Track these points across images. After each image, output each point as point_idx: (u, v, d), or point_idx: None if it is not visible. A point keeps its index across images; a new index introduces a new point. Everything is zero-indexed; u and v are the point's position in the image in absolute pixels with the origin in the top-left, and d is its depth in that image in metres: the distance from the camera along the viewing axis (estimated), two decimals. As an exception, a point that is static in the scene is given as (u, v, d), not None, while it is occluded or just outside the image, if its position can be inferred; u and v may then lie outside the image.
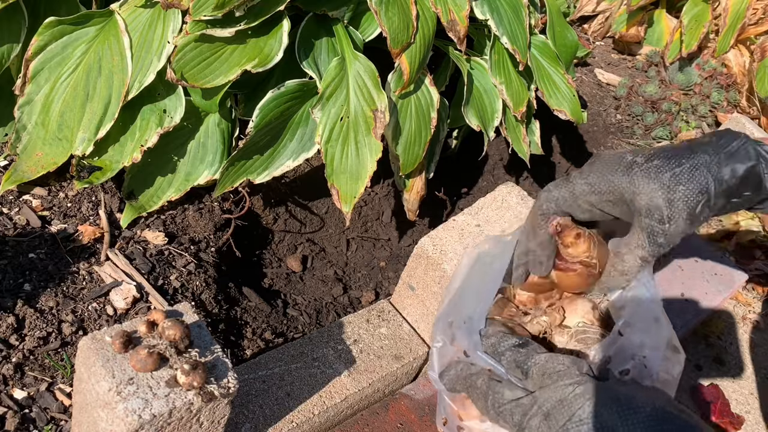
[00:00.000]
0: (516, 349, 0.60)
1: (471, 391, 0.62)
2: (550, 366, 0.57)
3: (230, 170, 0.92)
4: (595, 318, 0.72)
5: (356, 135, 0.93)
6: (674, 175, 0.60)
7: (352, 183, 0.93)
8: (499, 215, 0.84)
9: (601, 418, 0.51)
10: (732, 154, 0.61)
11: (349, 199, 0.93)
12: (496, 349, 0.61)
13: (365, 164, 0.93)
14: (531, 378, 0.57)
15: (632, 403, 0.51)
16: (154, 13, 0.89)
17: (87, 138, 0.87)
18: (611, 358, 0.63)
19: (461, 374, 0.63)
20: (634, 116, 1.76)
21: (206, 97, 0.90)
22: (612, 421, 0.51)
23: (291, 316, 0.98)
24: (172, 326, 0.55)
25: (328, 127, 0.91)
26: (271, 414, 0.71)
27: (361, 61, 0.96)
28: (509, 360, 0.59)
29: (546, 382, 0.56)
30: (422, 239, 0.82)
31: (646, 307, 0.65)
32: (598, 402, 0.52)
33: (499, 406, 0.57)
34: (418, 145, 1.03)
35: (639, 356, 0.63)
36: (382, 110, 0.94)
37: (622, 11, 1.98)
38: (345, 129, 0.93)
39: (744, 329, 1.23)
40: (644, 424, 0.49)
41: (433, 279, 0.81)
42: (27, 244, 0.84)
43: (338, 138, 0.92)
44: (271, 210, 1.10)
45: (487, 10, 1.09)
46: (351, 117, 0.93)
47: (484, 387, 0.59)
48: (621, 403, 0.51)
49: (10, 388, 0.71)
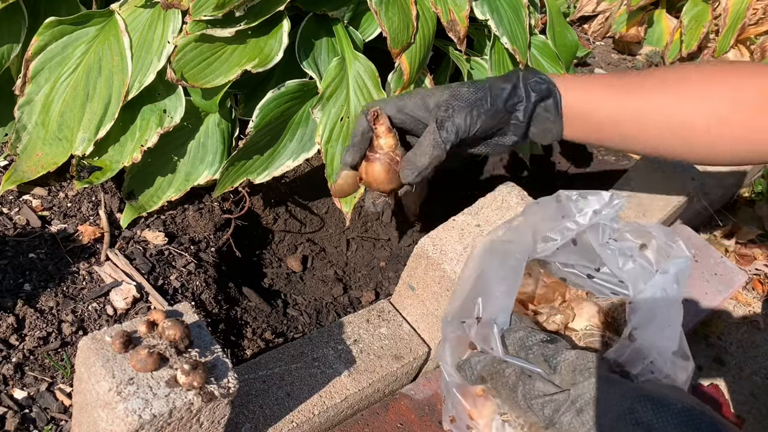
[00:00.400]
0: (544, 344, 0.61)
1: (496, 381, 0.62)
2: (580, 362, 0.57)
3: (230, 170, 0.92)
4: (599, 321, 0.72)
5: None
6: (458, 86, 0.73)
7: None
8: (499, 215, 0.84)
9: (636, 414, 0.52)
10: (504, 80, 0.74)
11: (349, 199, 0.93)
12: (523, 343, 0.61)
13: None
14: (559, 373, 0.58)
15: (664, 400, 0.53)
16: (154, 13, 0.89)
17: (87, 138, 0.87)
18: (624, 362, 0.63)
19: (487, 365, 0.63)
20: (634, 116, 1.76)
21: (206, 97, 0.90)
22: (647, 417, 0.52)
23: (291, 316, 0.98)
24: (172, 326, 0.55)
25: (329, 127, 0.91)
26: (271, 414, 0.71)
27: (361, 62, 0.96)
28: (537, 354, 0.60)
29: (577, 378, 0.57)
30: (422, 239, 0.82)
31: (662, 312, 0.65)
32: (632, 399, 0.53)
33: (530, 399, 0.58)
34: (418, 145, 1.03)
35: (647, 361, 0.63)
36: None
37: (622, 11, 1.98)
38: (345, 129, 0.93)
39: (744, 329, 1.23)
40: (677, 420, 0.51)
41: (433, 279, 0.81)
42: (27, 244, 0.84)
43: (338, 138, 0.92)
44: (271, 210, 1.10)
45: (487, 10, 1.09)
46: (351, 117, 0.93)
47: (513, 378, 0.60)
48: (654, 399, 0.53)
49: (10, 388, 0.71)
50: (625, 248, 0.70)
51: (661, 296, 0.66)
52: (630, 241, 0.70)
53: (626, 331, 0.65)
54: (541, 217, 0.72)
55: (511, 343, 0.63)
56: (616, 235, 0.70)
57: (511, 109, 0.74)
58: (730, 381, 1.13)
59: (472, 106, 0.72)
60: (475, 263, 0.71)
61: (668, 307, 0.65)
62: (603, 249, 0.70)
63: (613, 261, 0.70)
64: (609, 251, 0.70)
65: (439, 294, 0.81)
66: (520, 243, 0.67)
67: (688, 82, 0.74)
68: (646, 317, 0.65)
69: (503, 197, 0.86)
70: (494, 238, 0.72)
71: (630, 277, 0.69)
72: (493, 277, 0.66)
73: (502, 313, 0.64)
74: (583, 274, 0.76)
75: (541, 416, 0.57)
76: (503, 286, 0.65)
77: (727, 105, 0.72)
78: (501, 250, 0.69)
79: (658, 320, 0.64)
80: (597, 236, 0.71)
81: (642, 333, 0.64)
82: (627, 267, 0.69)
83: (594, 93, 0.75)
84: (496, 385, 0.62)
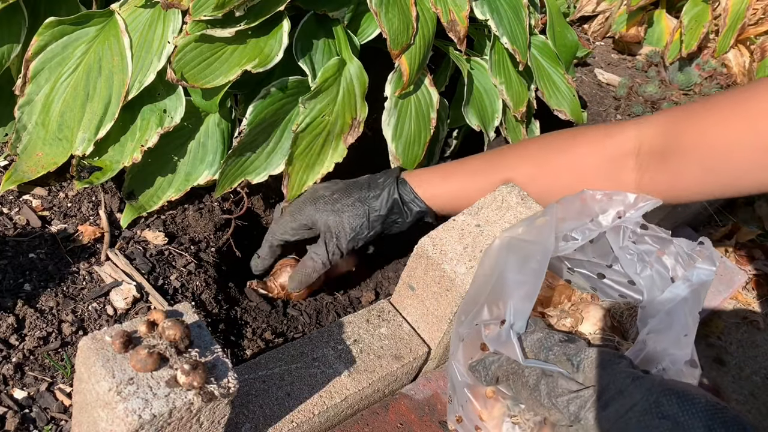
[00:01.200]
0: (565, 344, 0.61)
1: (515, 382, 0.62)
2: (603, 359, 0.58)
3: (228, 169, 0.92)
4: (606, 326, 0.72)
5: (328, 134, 0.95)
6: (343, 205, 0.88)
7: (304, 174, 0.95)
8: (499, 215, 0.84)
9: (662, 407, 0.53)
10: (381, 191, 0.89)
11: (296, 190, 0.95)
12: (543, 344, 0.62)
13: (323, 162, 0.96)
14: (582, 371, 0.59)
15: (689, 394, 0.53)
16: (154, 13, 0.89)
17: (87, 138, 0.87)
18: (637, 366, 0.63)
19: (502, 365, 0.64)
20: (634, 116, 1.76)
21: (206, 97, 0.90)
22: (672, 410, 0.52)
23: (291, 316, 0.98)
24: (172, 326, 0.55)
25: (308, 119, 0.92)
26: (271, 414, 0.72)
27: (356, 66, 0.96)
28: (558, 354, 0.61)
29: (601, 374, 0.57)
30: (422, 239, 0.82)
31: (679, 320, 0.65)
32: (658, 393, 0.54)
33: (555, 396, 0.58)
34: (418, 145, 1.03)
35: (659, 366, 0.63)
36: (359, 121, 0.96)
37: (622, 11, 1.98)
38: (322, 126, 0.94)
39: (744, 329, 1.23)
40: (703, 413, 0.51)
41: (433, 279, 0.81)
42: (27, 244, 0.84)
43: (312, 131, 0.93)
44: (270, 210, 1.10)
45: (487, 10, 1.09)
46: (332, 116, 0.94)
47: (533, 377, 0.61)
48: (679, 394, 0.53)
49: (10, 388, 0.71)
50: (644, 252, 0.69)
51: (681, 304, 0.66)
52: (649, 245, 0.69)
53: (641, 335, 0.65)
54: (563, 215, 0.71)
55: (529, 346, 0.63)
56: (635, 238, 0.70)
57: (388, 228, 0.91)
58: (730, 381, 1.13)
59: (356, 232, 0.88)
60: (493, 261, 0.70)
61: (686, 315, 0.65)
62: (622, 252, 0.70)
63: (630, 265, 0.69)
64: (628, 256, 0.69)
65: (439, 294, 0.81)
66: (542, 244, 0.67)
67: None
68: (663, 323, 0.65)
69: (503, 197, 0.86)
70: (514, 236, 0.71)
71: (646, 282, 0.68)
72: (513, 280, 0.66)
73: (520, 318, 0.64)
74: (594, 273, 0.75)
75: (566, 413, 0.57)
76: (522, 290, 0.65)
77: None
78: (521, 250, 0.68)
79: (675, 328, 0.64)
80: (618, 239, 0.70)
81: (656, 338, 0.63)
82: (645, 273, 0.69)
83: (448, 182, 0.90)
84: (514, 385, 0.62)
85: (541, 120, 1.26)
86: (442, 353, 0.87)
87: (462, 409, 0.70)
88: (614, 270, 0.74)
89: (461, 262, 0.79)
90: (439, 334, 0.84)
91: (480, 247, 0.81)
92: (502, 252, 0.70)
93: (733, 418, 0.51)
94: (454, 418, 0.72)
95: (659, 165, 0.75)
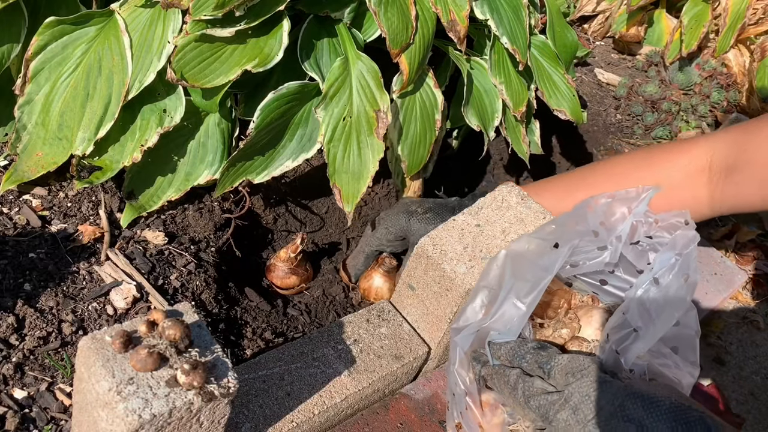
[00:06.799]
0: (537, 351, 0.64)
1: (498, 380, 0.65)
2: (573, 365, 0.60)
3: (230, 171, 0.92)
4: None
5: (359, 135, 0.93)
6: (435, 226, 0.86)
7: (354, 183, 0.93)
8: (499, 215, 0.84)
9: (627, 411, 0.55)
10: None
11: (351, 199, 0.93)
12: (516, 353, 0.65)
13: (367, 164, 0.94)
14: (553, 377, 0.61)
15: (653, 397, 0.55)
16: (154, 13, 0.89)
17: (87, 138, 0.87)
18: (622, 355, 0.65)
19: (493, 370, 0.67)
20: (634, 116, 1.76)
21: (206, 97, 0.90)
22: (637, 413, 0.54)
23: (291, 315, 0.98)
24: (172, 326, 0.55)
25: (331, 126, 0.91)
26: (271, 414, 0.72)
27: (364, 62, 0.96)
28: (530, 362, 0.63)
29: (570, 380, 0.59)
30: (422, 239, 0.82)
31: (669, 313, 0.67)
32: (623, 397, 0.56)
33: (529, 395, 0.61)
34: (423, 147, 1.03)
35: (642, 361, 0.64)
36: (384, 110, 0.94)
37: (622, 11, 1.98)
38: (348, 129, 0.93)
39: (744, 329, 1.23)
40: (667, 415, 0.53)
41: (433, 279, 0.81)
42: (27, 244, 0.84)
43: (341, 138, 0.92)
44: (271, 210, 1.10)
45: (487, 10, 1.09)
46: (354, 117, 0.93)
47: (514, 377, 0.63)
48: (644, 397, 0.55)
49: (10, 388, 0.71)
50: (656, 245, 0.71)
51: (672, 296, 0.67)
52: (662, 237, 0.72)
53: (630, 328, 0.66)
54: (573, 226, 0.73)
55: (503, 354, 0.66)
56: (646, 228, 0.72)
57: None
58: (729, 381, 1.13)
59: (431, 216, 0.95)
60: (497, 273, 0.72)
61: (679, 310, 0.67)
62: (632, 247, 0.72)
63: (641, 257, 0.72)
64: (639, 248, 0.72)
65: (439, 294, 0.81)
66: (548, 270, 0.69)
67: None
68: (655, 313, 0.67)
69: (503, 197, 0.86)
70: (520, 252, 0.72)
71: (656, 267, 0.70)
72: (513, 295, 0.68)
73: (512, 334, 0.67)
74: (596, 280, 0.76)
75: (538, 414, 0.60)
76: (523, 305, 0.67)
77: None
78: (527, 264, 0.70)
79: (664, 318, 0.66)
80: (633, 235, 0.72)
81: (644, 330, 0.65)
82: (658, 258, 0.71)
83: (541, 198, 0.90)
84: (498, 384, 0.65)
85: (541, 120, 1.26)
86: (442, 353, 0.87)
87: (460, 416, 0.70)
88: (616, 276, 0.75)
89: (461, 262, 0.79)
90: (439, 334, 0.84)
91: (480, 246, 0.81)
92: (508, 265, 0.71)
93: (697, 419, 0.53)
94: (452, 424, 0.73)
95: (727, 179, 0.80)
